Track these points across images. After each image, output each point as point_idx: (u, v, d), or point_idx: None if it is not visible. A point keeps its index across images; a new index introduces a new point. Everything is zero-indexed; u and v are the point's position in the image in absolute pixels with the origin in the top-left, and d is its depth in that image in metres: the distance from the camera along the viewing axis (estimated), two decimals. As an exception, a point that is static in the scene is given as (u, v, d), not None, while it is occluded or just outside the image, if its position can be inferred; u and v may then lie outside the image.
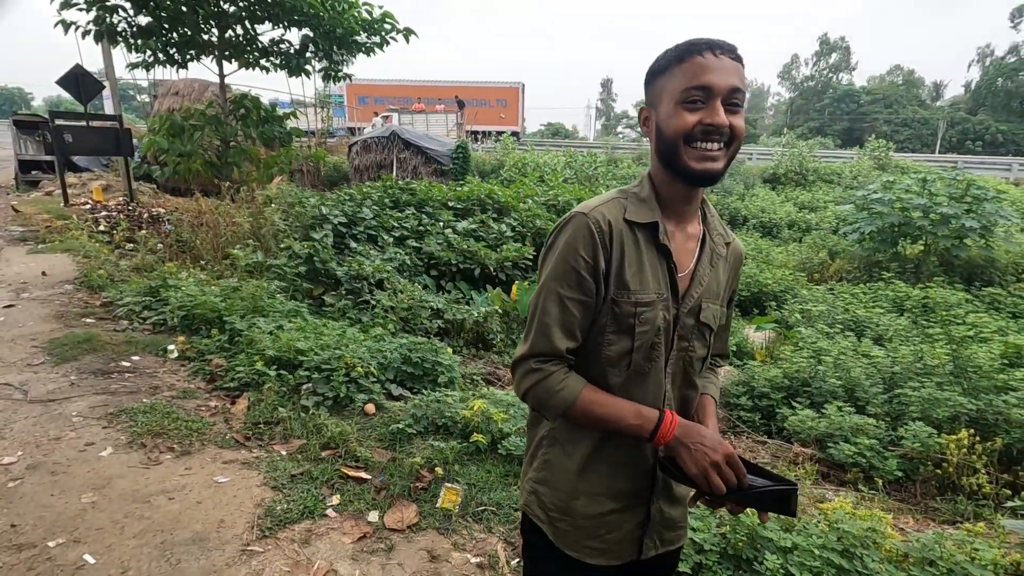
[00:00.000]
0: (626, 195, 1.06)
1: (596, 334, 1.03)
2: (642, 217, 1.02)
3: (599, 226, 0.99)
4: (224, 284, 4.93)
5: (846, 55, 58.37)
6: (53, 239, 7.12)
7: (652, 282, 1.01)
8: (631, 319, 1.00)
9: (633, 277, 1.00)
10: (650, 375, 1.04)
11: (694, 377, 1.11)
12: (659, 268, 1.03)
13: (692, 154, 0.96)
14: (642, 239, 1.02)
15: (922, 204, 7.33)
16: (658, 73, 1.01)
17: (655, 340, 1.03)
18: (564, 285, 1.00)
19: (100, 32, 8.24)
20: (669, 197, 1.04)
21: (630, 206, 1.03)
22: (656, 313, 1.01)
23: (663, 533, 1.13)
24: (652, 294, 1.01)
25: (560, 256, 1.00)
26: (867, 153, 17.59)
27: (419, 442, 2.93)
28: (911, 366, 4.30)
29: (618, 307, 1.00)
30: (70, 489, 2.43)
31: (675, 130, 0.96)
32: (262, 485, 2.53)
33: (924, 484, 3.40)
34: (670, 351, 1.06)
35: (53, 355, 3.82)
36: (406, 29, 9.19)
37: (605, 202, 1.04)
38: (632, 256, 1.01)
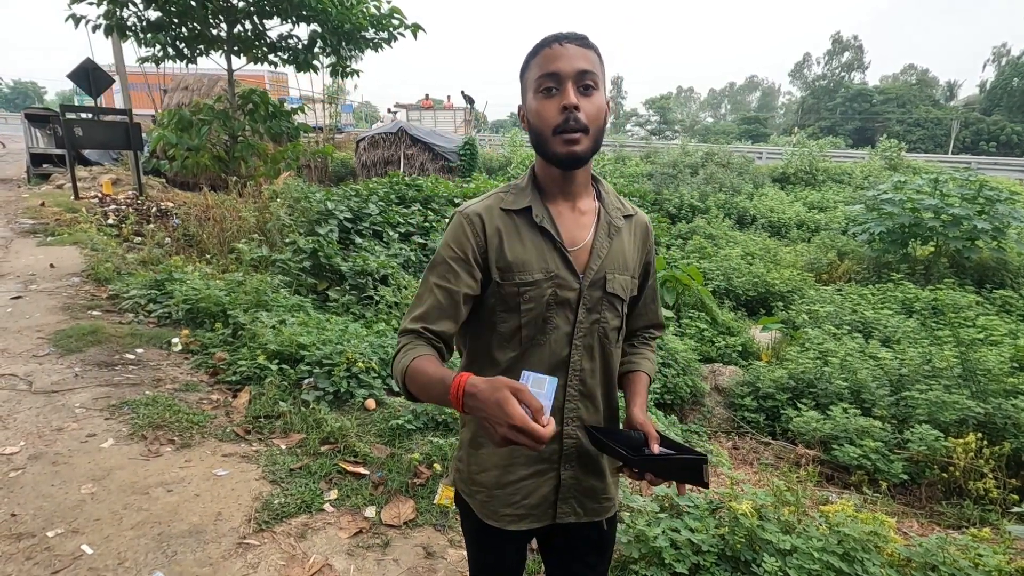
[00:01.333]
0: (507, 189, 1.14)
1: (488, 315, 1.11)
2: (517, 204, 1.10)
3: (470, 220, 1.09)
4: (229, 278, 4.95)
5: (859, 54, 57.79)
6: (62, 232, 7.18)
7: (537, 262, 1.08)
8: (517, 298, 1.07)
9: (516, 260, 1.07)
10: (546, 346, 1.10)
11: (611, 347, 1.16)
12: (544, 247, 1.09)
13: (557, 141, 1.03)
14: (521, 224, 1.09)
15: (933, 205, 7.22)
16: (523, 70, 1.09)
17: (547, 315, 1.09)
18: (436, 274, 1.08)
19: (110, 26, 8.29)
20: (549, 181, 1.11)
21: (507, 196, 1.12)
22: (543, 290, 1.08)
23: (584, 502, 1.17)
24: (538, 273, 1.07)
25: (438, 248, 1.11)
26: (878, 153, 17.39)
27: (418, 438, 2.92)
28: (919, 368, 4.25)
29: (502, 288, 1.08)
30: (70, 480, 2.45)
31: (539, 119, 1.04)
32: (260, 479, 2.54)
33: (930, 488, 3.36)
34: (575, 323, 1.11)
35: (58, 347, 3.84)
36: (414, 25, 9.17)
37: (482, 199, 1.13)
38: (512, 241, 1.08)
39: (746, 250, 8.70)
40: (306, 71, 9.67)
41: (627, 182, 12.84)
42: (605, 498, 1.20)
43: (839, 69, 57.84)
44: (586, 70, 1.02)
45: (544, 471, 1.14)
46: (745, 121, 54.49)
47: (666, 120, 65.03)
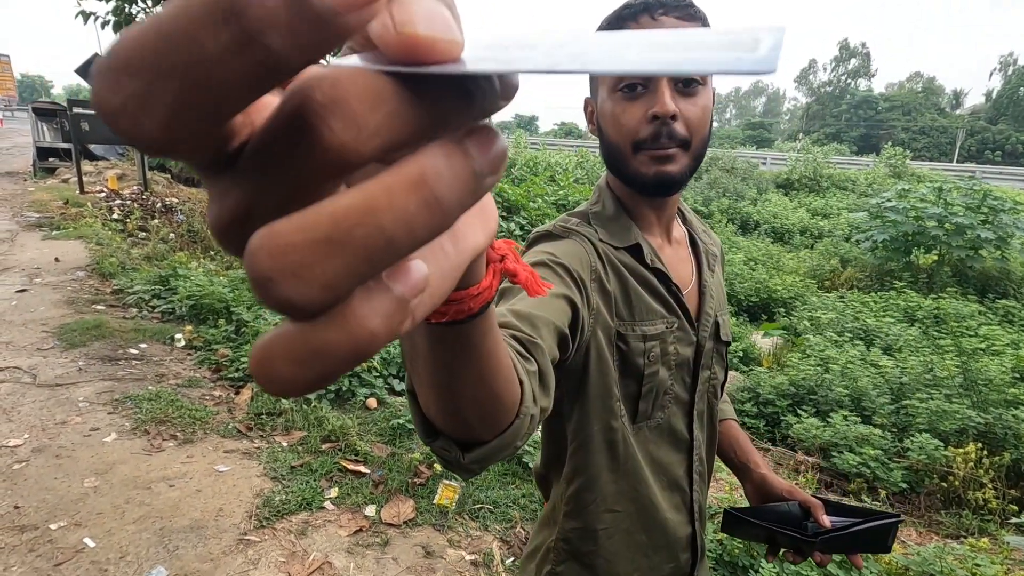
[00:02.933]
0: (586, 217, 0.84)
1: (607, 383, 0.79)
2: (618, 240, 0.81)
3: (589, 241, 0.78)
4: (232, 275, 4.97)
5: (866, 61, 57.80)
6: (67, 226, 7.22)
7: (659, 308, 0.81)
8: (640, 357, 0.79)
9: (638, 304, 0.79)
10: (664, 427, 0.84)
11: (716, 408, 0.92)
12: (658, 293, 0.82)
13: (642, 159, 0.76)
14: (625, 266, 0.80)
15: (937, 213, 7.23)
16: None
17: (668, 384, 0.82)
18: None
19: (119, 22, 8.32)
20: (637, 205, 0.84)
21: (600, 229, 0.81)
22: (667, 347, 0.82)
23: None
24: (661, 324, 0.81)
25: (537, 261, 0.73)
26: (883, 160, 17.39)
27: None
28: (920, 377, 4.25)
29: (625, 343, 0.78)
30: (73, 473, 2.47)
31: (616, 128, 0.77)
32: (262, 475, 2.55)
33: (929, 497, 3.36)
34: (694, 389, 0.86)
35: (63, 340, 3.87)
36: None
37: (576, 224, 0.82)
38: (628, 279, 0.80)
39: (749, 256, 8.70)
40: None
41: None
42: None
43: (845, 76, 57.86)
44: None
45: None
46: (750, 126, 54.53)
47: (671, 124, 64.72)
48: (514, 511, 2.41)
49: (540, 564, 0.88)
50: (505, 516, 2.39)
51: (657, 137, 0.74)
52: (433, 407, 0.40)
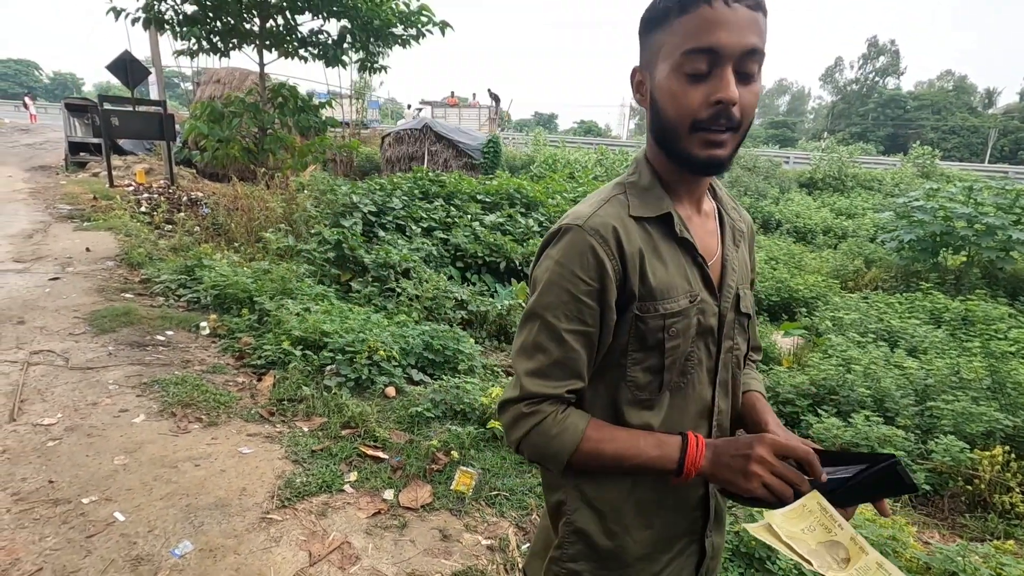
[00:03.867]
0: (623, 188, 0.87)
1: (616, 355, 0.85)
2: (650, 210, 0.84)
3: (601, 238, 0.80)
4: (255, 266, 5.07)
5: (895, 59, 56.45)
6: (97, 218, 7.42)
7: (681, 283, 0.84)
8: (659, 333, 0.83)
9: (659, 285, 0.82)
10: (689, 392, 0.88)
11: (739, 379, 0.96)
12: (685, 264, 0.85)
13: (696, 140, 0.78)
14: (656, 235, 0.84)
15: (967, 213, 7.05)
16: (654, 24, 0.79)
17: (690, 351, 0.86)
18: (561, 316, 0.81)
19: (148, 19, 8.52)
20: (674, 179, 0.87)
21: (632, 200, 0.85)
22: (690, 321, 0.85)
23: (710, 564, 0.99)
24: (684, 299, 0.84)
25: (553, 279, 0.81)
26: (911, 160, 17.00)
27: (436, 426, 2.97)
28: (946, 379, 4.16)
29: (643, 323, 0.82)
30: (104, 451, 2.55)
31: (676, 107, 0.77)
32: (283, 458, 2.61)
33: (953, 500, 3.30)
34: (718, 356, 0.90)
35: (93, 326, 3.99)
36: (442, 22, 9.26)
37: (603, 203, 0.85)
38: (653, 260, 0.83)
39: (769, 255, 8.59)
40: (335, 66, 9.82)
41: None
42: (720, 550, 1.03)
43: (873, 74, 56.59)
44: (755, 48, 0.74)
45: (687, 546, 0.94)
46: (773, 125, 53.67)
47: (692, 123, 64.00)
48: (530, 499, 2.43)
49: (555, 516, 0.93)
50: (521, 503, 2.41)
51: (716, 119, 0.76)
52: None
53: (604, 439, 0.81)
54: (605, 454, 0.81)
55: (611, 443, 0.81)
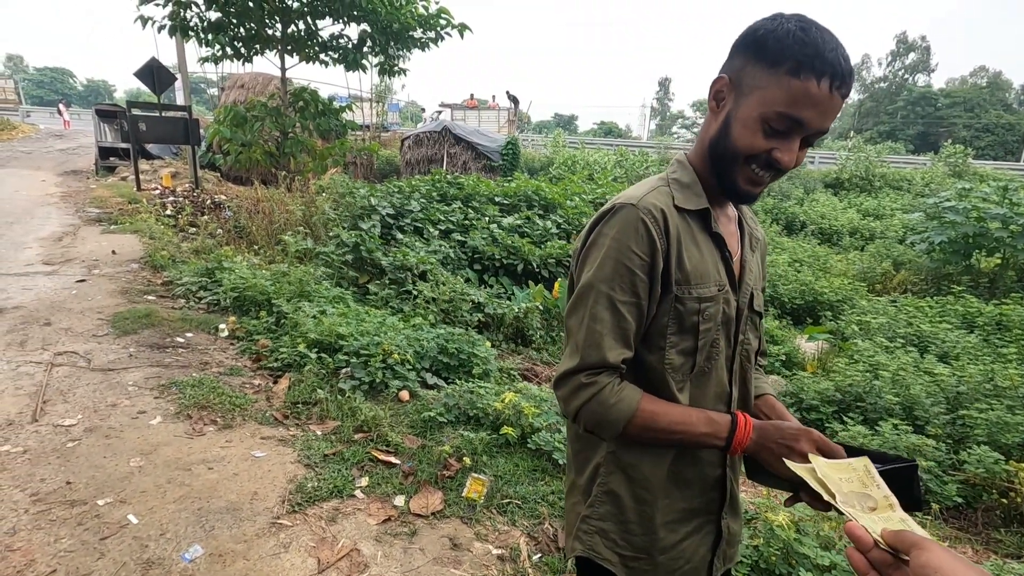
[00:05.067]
0: (667, 182, 0.96)
1: (656, 337, 0.92)
2: (692, 204, 0.93)
3: (652, 216, 0.88)
4: (275, 269, 5.12)
5: (925, 55, 54.94)
6: (124, 221, 7.59)
7: (713, 272, 0.93)
8: (695, 316, 0.91)
9: (695, 269, 0.91)
10: (711, 376, 0.96)
11: (750, 373, 1.03)
12: (716, 257, 0.94)
13: (744, 174, 0.88)
14: (694, 227, 0.93)
15: (1001, 214, 6.79)
16: (763, 58, 0.83)
17: (715, 337, 0.94)
18: (616, 287, 0.88)
19: (174, 27, 8.71)
20: (710, 182, 0.96)
21: (676, 193, 0.94)
22: (718, 307, 0.93)
23: (727, 550, 1.05)
24: (714, 287, 0.93)
25: (609, 254, 0.88)
26: (942, 159, 16.49)
27: (449, 431, 2.94)
28: (979, 386, 4.00)
29: (682, 304, 0.90)
30: (121, 453, 2.58)
31: (744, 147, 0.86)
32: (296, 462, 2.61)
33: (987, 513, 3.15)
34: (734, 347, 0.98)
35: (116, 328, 4.06)
36: (461, 24, 9.28)
37: (651, 190, 0.93)
38: (690, 247, 0.92)
39: (793, 257, 8.40)
40: (355, 70, 9.91)
41: (671, 184, 12.60)
42: (740, 540, 1.09)
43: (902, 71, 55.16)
44: (827, 130, 0.85)
45: (703, 524, 1.01)
46: (798, 125, 52.49)
47: (714, 123, 63.21)
48: (542, 507, 2.38)
49: (588, 484, 1.01)
50: (533, 512, 2.37)
51: (768, 166, 0.86)
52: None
53: (658, 412, 0.88)
54: (658, 425, 0.88)
55: (664, 416, 0.88)
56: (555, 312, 5.57)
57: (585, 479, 1.01)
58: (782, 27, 0.81)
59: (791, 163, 0.85)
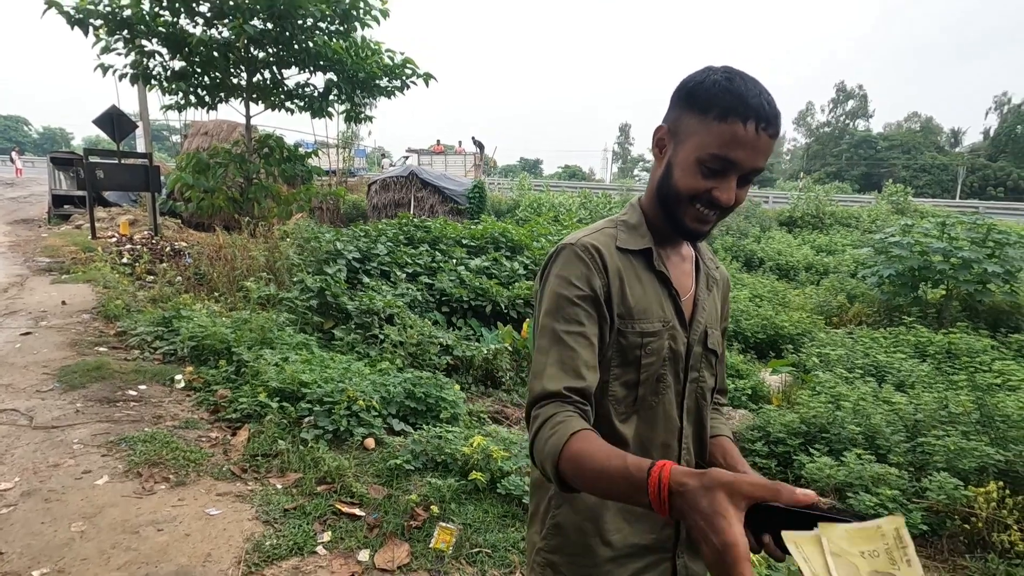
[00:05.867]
0: (615, 224, 1.01)
1: (601, 371, 0.94)
2: (634, 244, 0.98)
3: (589, 253, 0.94)
4: (235, 316, 4.98)
5: (863, 103, 58.95)
6: (77, 270, 7.32)
7: (656, 309, 0.96)
8: (637, 350, 0.94)
9: (637, 305, 0.95)
10: (658, 410, 0.98)
11: (706, 411, 1.05)
12: (661, 295, 0.98)
13: (691, 213, 0.93)
14: (637, 266, 0.97)
15: (942, 248, 7.19)
16: (694, 107, 0.90)
17: (661, 372, 0.97)
18: (559, 319, 0.91)
19: (136, 75, 8.68)
20: (660, 224, 1.00)
21: (620, 234, 0.99)
22: (662, 343, 0.96)
23: None
24: (657, 323, 0.96)
25: (551, 291, 0.93)
26: (885, 197, 17.49)
27: (417, 479, 2.85)
28: (935, 414, 4.13)
29: (624, 338, 0.94)
30: (61, 517, 2.40)
31: (685, 188, 0.91)
32: (254, 519, 2.47)
33: (952, 540, 3.20)
34: (684, 383, 1.00)
35: (63, 382, 3.85)
36: (426, 74, 9.52)
37: (593, 232, 0.99)
38: (632, 283, 0.96)
39: (754, 292, 8.66)
40: (321, 117, 10.01)
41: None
42: None
43: (843, 117, 58.91)
44: (761, 168, 0.89)
45: (658, 562, 0.99)
46: (751, 167, 55.10)
47: (673, 165, 65.85)
48: (513, 555, 2.31)
49: (543, 516, 1.01)
50: (504, 560, 2.29)
51: (711, 205, 0.91)
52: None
53: (585, 453, 0.76)
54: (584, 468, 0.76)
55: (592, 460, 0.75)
56: (524, 353, 5.56)
57: (541, 510, 1.02)
58: (709, 78, 0.88)
59: (730, 200, 0.89)
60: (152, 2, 7.75)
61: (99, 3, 7.58)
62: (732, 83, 0.86)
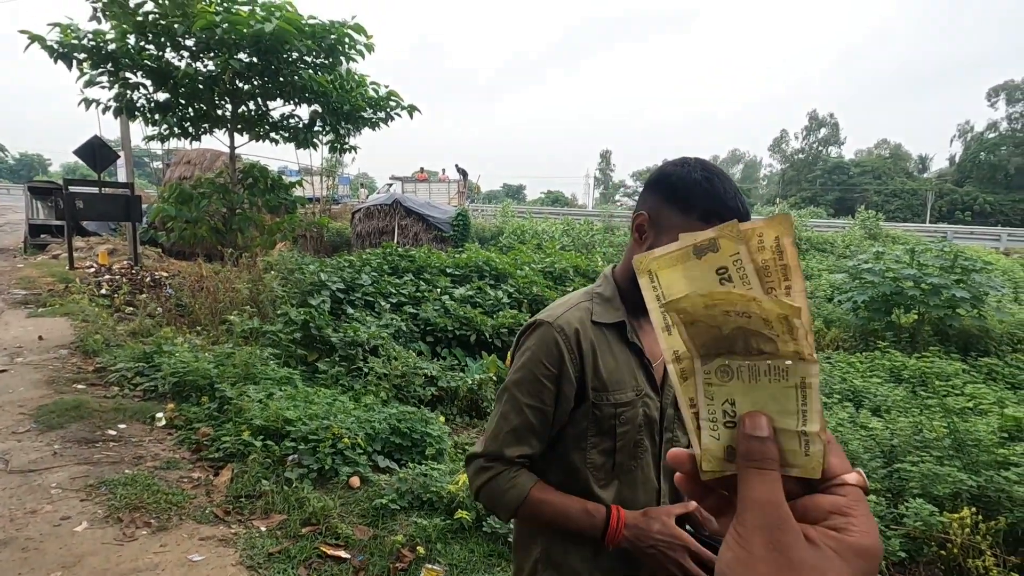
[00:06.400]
0: (591, 296, 1.08)
1: (575, 441, 1.02)
2: (608, 318, 1.04)
3: (564, 335, 1.00)
4: (218, 350, 4.94)
5: (835, 130, 60.93)
6: (54, 302, 7.20)
7: (629, 380, 1.03)
8: (612, 420, 1.00)
9: (610, 377, 1.01)
10: (637, 474, 1.04)
11: None
12: (633, 365, 1.04)
13: None
14: (612, 339, 1.04)
15: (912, 275, 7.43)
16: (675, 203, 0.97)
17: (638, 437, 1.02)
18: (524, 392, 1.00)
19: (120, 107, 8.70)
20: (632, 294, 1.06)
21: (596, 308, 1.05)
22: (636, 411, 1.02)
23: None
24: (631, 393, 1.02)
25: (524, 363, 1.02)
26: (858, 223, 18.01)
27: (402, 518, 2.85)
28: (910, 439, 4.23)
29: (599, 410, 1.00)
30: (39, 567, 2.35)
31: None
32: (237, 564, 2.45)
33: (929, 566, 3.26)
34: (660, 445, 1.06)
35: (40, 422, 3.78)
36: (410, 106, 9.69)
37: (570, 308, 1.05)
38: (606, 357, 1.02)
39: (734, 318, 8.79)
40: (306, 148, 10.09)
41: (616, 251, 13.13)
42: None
43: (816, 144, 60.76)
44: None
45: None
46: (729, 191, 56.26)
47: (654, 190, 67.07)
48: (500, 596, 2.32)
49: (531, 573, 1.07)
50: (491, 602, 2.30)
51: None
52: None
53: (545, 500, 0.98)
54: (543, 513, 0.98)
55: (549, 506, 0.98)
56: (509, 383, 5.58)
57: (528, 569, 1.09)
58: (690, 176, 0.96)
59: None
60: (137, 36, 7.81)
61: (83, 37, 7.63)
62: (712, 184, 0.95)
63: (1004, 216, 41.45)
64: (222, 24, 7.37)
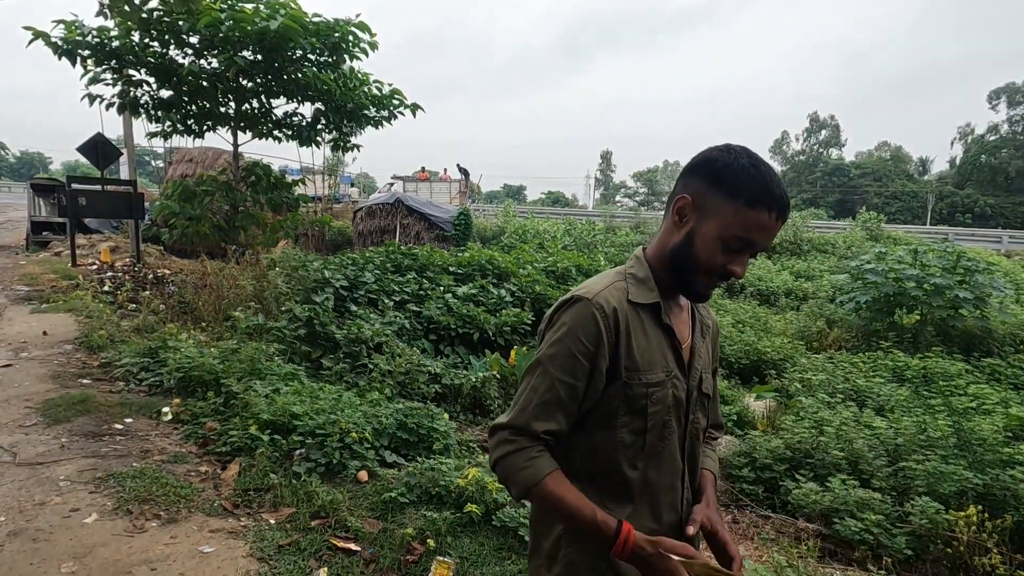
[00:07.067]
0: (624, 276, 1.08)
1: (606, 420, 1.03)
2: (644, 298, 1.05)
3: (603, 312, 1.00)
4: (223, 346, 4.94)
5: (835, 132, 60.97)
6: (57, 299, 7.20)
7: (661, 360, 1.04)
8: (643, 400, 1.01)
9: (643, 357, 1.02)
10: (665, 454, 1.05)
11: (699, 450, 1.14)
12: (664, 346, 1.05)
13: (703, 281, 1.03)
14: (646, 319, 1.05)
15: (915, 275, 7.44)
16: (721, 188, 0.98)
17: (666, 418, 1.04)
18: (558, 367, 0.99)
19: (123, 104, 8.70)
20: (665, 278, 1.08)
21: (631, 287, 1.06)
22: (667, 392, 1.03)
23: None
24: (661, 373, 1.03)
25: (559, 337, 1.01)
26: (859, 224, 18.03)
27: (411, 512, 2.85)
28: (914, 438, 4.24)
29: (630, 389, 1.01)
30: (50, 558, 2.36)
31: (704, 261, 1.00)
32: (248, 556, 2.45)
33: (935, 564, 3.27)
34: (686, 427, 1.08)
35: (46, 416, 3.78)
36: (413, 104, 9.69)
37: (607, 286, 1.05)
38: (639, 337, 1.03)
39: (736, 318, 8.82)
40: (309, 146, 10.09)
41: (617, 251, 13.15)
42: None
43: (817, 146, 60.80)
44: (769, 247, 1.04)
45: None
46: (730, 193, 56.32)
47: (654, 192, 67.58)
48: (511, 589, 2.33)
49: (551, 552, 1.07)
50: (502, 594, 2.30)
51: (724, 277, 1.02)
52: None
53: (558, 492, 0.97)
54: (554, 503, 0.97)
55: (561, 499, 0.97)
56: (512, 380, 5.59)
57: (549, 545, 1.08)
58: (737, 162, 0.98)
59: (742, 274, 1.01)
60: (142, 34, 7.81)
61: (87, 34, 7.63)
62: (759, 171, 0.97)
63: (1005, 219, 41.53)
64: (227, 22, 7.37)
